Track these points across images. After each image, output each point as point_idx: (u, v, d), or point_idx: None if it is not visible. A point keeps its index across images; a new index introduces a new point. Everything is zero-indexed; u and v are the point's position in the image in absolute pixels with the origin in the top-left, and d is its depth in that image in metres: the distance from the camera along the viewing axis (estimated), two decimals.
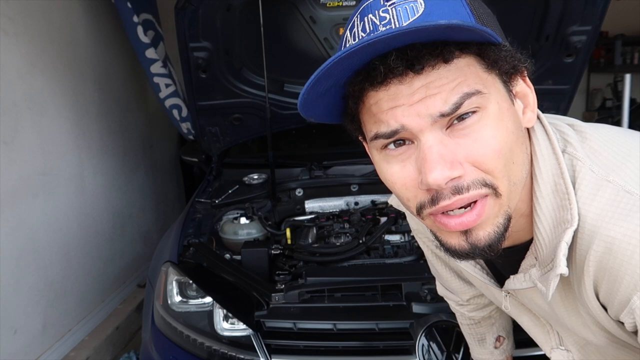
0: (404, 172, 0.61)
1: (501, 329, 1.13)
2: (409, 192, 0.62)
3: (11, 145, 2.20)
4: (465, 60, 0.57)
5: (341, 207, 2.12)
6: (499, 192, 0.59)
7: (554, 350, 0.85)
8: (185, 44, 1.97)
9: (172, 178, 4.24)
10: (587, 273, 0.61)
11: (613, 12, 2.14)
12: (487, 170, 0.58)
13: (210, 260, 1.66)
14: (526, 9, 1.95)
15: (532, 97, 0.66)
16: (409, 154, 0.60)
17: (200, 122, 2.31)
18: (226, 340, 1.44)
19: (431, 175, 0.56)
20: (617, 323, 0.65)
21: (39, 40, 2.43)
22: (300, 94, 0.59)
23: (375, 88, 0.58)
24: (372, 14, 0.58)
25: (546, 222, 0.64)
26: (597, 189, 0.61)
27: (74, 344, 2.61)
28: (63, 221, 2.59)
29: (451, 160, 0.57)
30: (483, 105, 0.58)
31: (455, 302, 1.12)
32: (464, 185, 0.57)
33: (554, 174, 0.64)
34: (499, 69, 0.60)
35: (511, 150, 0.59)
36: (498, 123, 0.58)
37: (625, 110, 2.30)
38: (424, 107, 0.56)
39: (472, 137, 0.57)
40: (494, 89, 0.59)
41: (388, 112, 0.58)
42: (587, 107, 5.39)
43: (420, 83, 0.56)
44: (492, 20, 0.62)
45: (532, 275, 0.68)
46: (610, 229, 0.58)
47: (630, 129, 0.75)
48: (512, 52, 0.61)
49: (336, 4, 2.01)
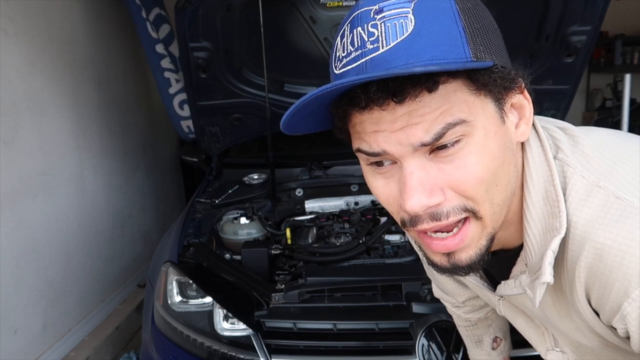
0: (387, 189, 0.62)
1: (498, 330, 1.13)
2: (392, 208, 0.63)
3: (11, 145, 2.20)
4: (452, 85, 0.55)
5: (341, 207, 2.12)
6: (479, 215, 0.60)
7: (549, 352, 0.85)
8: (185, 44, 1.97)
9: (172, 178, 4.24)
10: (579, 279, 0.61)
11: (613, 12, 2.14)
12: (468, 196, 0.58)
13: (210, 260, 1.66)
14: (526, 9, 1.95)
15: (528, 109, 0.64)
16: (393, 173, 0.61)
17: (200, 122, 2.30)
18: (226, 340, 1.44)
19: (409, 203, 0.57)
20: (609, 328, 0.64)
21: (39, 40, 2.43)
22: (282, 120, 0.59)
23: (359, 111, 0.58)
24: (361, 27, 0.56)
25: (536, 229, 0.64)
26: (587, 195, 0.61)
27: (74, 344, 2.61)
28: (63, 221, 2.59)
29: (431, 187, 0.57)
30: (468, 133, 0.56)
31: (451, 304, 1.12)
32: (442, 212, 0.58)
33: (545, 180, 0.64)
34: (489, 91, 0.58)
35: (494, 175, 0.59)
36: (483, 149, 0.58)
37: (625, 110, 2.30)
38: (404, 136, 0.56)
39: (456, 163, 0.57)
40: (481, 113, 0.58)
41: (371, 135, 0.58)
42: (587, 107, 5.39)
43: (403, 111, 0.55)
44: (489, 35, 0.59)
45: (522, 281, 0.68)
46: (600, 235, 0.58)
47: (624, 132, 0.74)
48: (505, 72, 0.59)
49: (336, 4, 2.01)
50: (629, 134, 0.72)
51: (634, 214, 0.57)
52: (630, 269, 0.55)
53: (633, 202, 0.58)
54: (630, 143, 0.67)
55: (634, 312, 0.56)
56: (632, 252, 0.55)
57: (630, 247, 0.55)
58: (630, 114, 2.35)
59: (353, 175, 2.22)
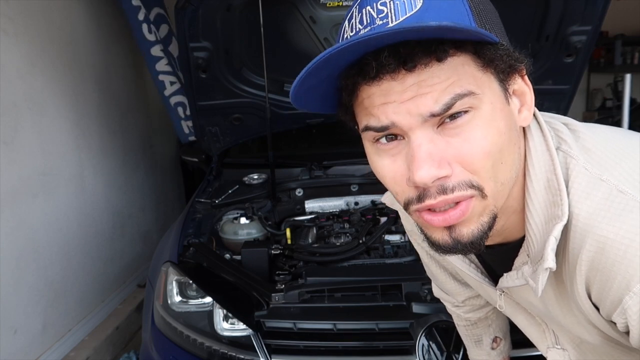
0: (394, 166, 0.61)
1: (498, 330, 1.13)
2: (398, 187, 0.62)
3: (11, 145, 2.20)
4: (460, 59, 0.57)
5: (341, 207, 2.12)
6: (484, 193, 0.59)
7: (550, 349, 0.85)
8: (185, 44, 1.97)
9: (172, 178, 4.24)
10: (579, 272, 0.61)
11: (613, 12, 2.14)
12: (474, 170, 0.58)
13: (210, 260, 1.66)
14: (526, 9, 1.95)
15: (529, 96, 0.65)
16: (400, 149, 0.60)
17: (200, 122, 2.31)
18: (226, 340, 1.44)
19: (418, 174, 0.57)
20: (609, 323, 0.65)
21: (39, 40, 2.43)
22: (292, 86, 0.59)
23: (368, 82, 0.58)
24: (370, 5, 0.57)
25: (538, 219, 0.64)
26: (590, 187, 0.61)
27: (74, 344, 2.61)
28: (63, 221, 2.59)
29: (439, 159, 0.57)
30: (475, 106, 0.57)
31: (451, 303, 1.12)
32: (449, 186, 0.58)
33: (547, 170, 0.64)
34: (495, 68, 0.59)
35: (501, 151, 0.59)
36: (490, 124, 0.58)
37: (625, 110, 2.30)
38: (414, 106, 0.56)
39: (463, 136, 0.57)
40: (488, 89, 0.59)
41: (379, 107, 0.58)
42: (587, 107, 5.40)
43: (413, 80, 0.56)
44: (492, 17, 0.61)
45: (524, 272, 0.68)
46: (602, 229, 0.58)
47: (626, 129, 0.75)
48: (510, 51, 0.60)
49: (336, 4, 2.01)
50: (631, 131, 0.72)
51: (636, 209, 0.57)
52: (632, 263, 0.56)
53: (636, 196, 0.58)
54: (632, 139, 0.67)
55: (635, 306, 0.57)
56: (634, 246, 0.55)
57: (633, 241, 0.56)
58: (630, 114, 2.35)
59: (353, 175, 2.22)
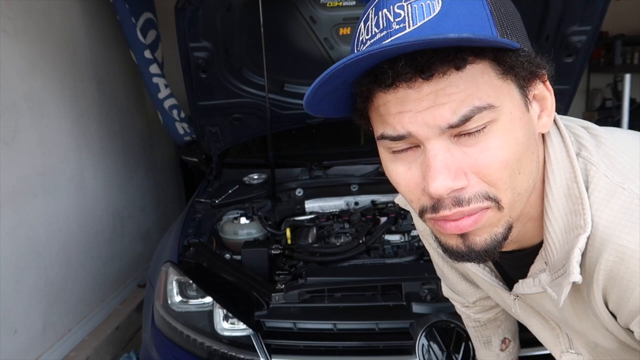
0: (409, 174, 0.60)
1: (507, 331, 1.12)
2: (413, 195, 0.61)
3: (11, 145, 2.20)
4: (479, 67, 0.55)
5: (341, 207, 2.12)
6: (501, 205, 0.58)
7: (564, 353, 0.83)
8: (185, 44, 1.97)
9: (172, 178, 4.24)
10: (597, 281, 0.60)
11: (613, 12, 2.14)
12: (491, 182, 0.57)
13: (210, 260, 1.66)
14: (526, 9, 1.95)
15: (550, 101, 0.63)
16: (415, 157, 0.59)
17: (200, 122, 2.31)
18: (226, 340, 1.44)
19: (433, 185, 0.55)
20: (625, 331, 0.64)
21: (39, 40, 2.43)
22: (306, 95, 0.58)
23: (384, 90, 0.56)
24: (387, 8, 0.55)
25: (557, 227, 0.62)
26: (610, 195, 0.59)
27: (74, 344, 2.61)
28: (63, 221, 2.59)
29: (455, 170, 0.56)
30: (494, 119, 0.55)
31: (460, 304, 1.11)
32: (465, 198, 0.56)
33: (567, 177, 0.62)
34: (515, 75, 0.57)
35: (519, 160, 0.57)
36: (508, 134, 0.56)
37: (625, 110, 2.30)
38: (431, 117, 0.54)
39: (480, 146, 0.56)
40: (507, 98, 0.57)
41: (395, 116, 0.56)
42: (587, 107, 5.39)
43: (430, 89, 0.54)
44: (514, 20, 0.59)
45: (541, 280, 0.66)
46: (622, 238, 0.57)
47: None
48: (531, 57, 0.58)
49: (336, 4, 2.01)
50: None
51: None
52: None
53: None
54: None
55: None
56: None
57: None
58: (630, 114, 2.34)
59: (353, 175, 2.22)
